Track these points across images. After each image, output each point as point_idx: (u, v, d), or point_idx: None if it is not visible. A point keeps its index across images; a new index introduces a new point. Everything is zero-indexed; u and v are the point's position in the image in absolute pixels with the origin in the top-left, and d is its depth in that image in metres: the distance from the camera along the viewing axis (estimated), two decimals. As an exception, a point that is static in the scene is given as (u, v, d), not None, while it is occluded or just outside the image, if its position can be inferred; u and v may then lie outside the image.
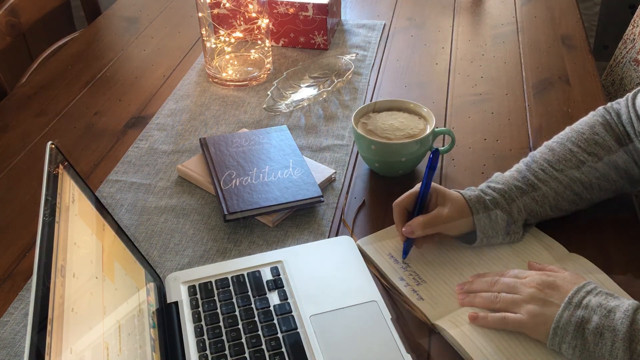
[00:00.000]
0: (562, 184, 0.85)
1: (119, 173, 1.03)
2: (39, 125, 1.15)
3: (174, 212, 0.95)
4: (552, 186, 0.85)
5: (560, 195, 0.85)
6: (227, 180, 0.94)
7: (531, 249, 0.85)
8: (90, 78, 1.30)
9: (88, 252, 0.62)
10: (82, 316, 0.56)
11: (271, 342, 0.73)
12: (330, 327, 0.75)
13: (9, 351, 0.75)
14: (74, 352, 0.53)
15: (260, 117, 1.15)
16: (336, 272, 0.82)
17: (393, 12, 1.52)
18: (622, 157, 0.86)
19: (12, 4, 1.39)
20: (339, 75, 1.25)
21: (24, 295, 0.83)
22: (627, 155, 0.86)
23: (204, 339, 0.74)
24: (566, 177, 0.85)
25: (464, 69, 1.29)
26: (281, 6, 1.32)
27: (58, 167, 0.62)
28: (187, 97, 1.22)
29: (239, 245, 0.89)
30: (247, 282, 0.81)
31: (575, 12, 1.48)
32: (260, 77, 1.26)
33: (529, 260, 0.83)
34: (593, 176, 0.86)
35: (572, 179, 0.85)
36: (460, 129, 1.11)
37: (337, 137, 1.09)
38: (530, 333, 0.71)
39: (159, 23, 1.50)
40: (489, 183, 0.87)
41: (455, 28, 1.44)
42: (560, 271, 0.76)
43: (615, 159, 0.86)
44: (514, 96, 1.20)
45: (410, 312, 0.78)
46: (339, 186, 0.99)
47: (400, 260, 0.84)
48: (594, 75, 1.24)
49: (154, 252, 0.88)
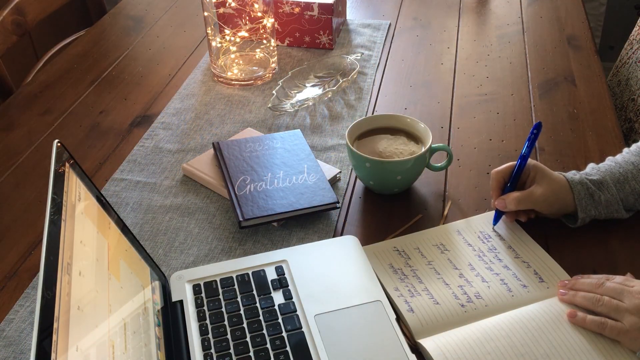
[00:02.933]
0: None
1: (124, 172, 1.03)
2: (44, 123, 1.16)
3: (179, 210, 0.95)
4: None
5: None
6: (242, 185, 0.93)
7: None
8: (96, 77, 1.30)
9: (94, 250, 0.63)
10: (88, 314, 0.56)
11: (275, 341, 0.73)
12: (334, 326, 0.75)
13: (15, 349, 0.76)
14: (80, 349, 0.53)
15: (265, 116, 1.16)
16: (341, 272, 0.82)
17: (398, 12, 1.52)
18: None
19: (18, 2, 1.40)
20: (344, 74, 1.25)
21: (29, 293, 0.83)
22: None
23: (208, 337, 0.74)
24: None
25: (470, 69, 1.29)
26: (286, 5, 1.32)
27: (64, 166, 0.62)
28: (193, 96, 1.22)
29: (244, 244, 0.89)
30: (252, 281, 0.81)
31: (581, 12, 1.47)
32: (265, 76, 1.26)
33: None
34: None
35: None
36: (466, 129, 1.11)
37: (342, 137, 1.09)
38: (629, 344, 0.71)
39: (164, 22, 1.50)
40: (591, 169, 0.89)
41: (460, 28, 1.44)
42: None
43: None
44: (520, 96, 1.19)
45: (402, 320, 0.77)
46: (344, 185, 0.99)
47: (400, 271, 0.83)
48: (600, 75, 1.24)
49: (159, 250, 0.88)
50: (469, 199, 0.96)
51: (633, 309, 0.72)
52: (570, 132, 1.09)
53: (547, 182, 0.85)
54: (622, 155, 0.91)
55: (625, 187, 0.86)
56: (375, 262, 0.84)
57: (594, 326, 0.73)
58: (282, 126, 1.13)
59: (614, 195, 0.86)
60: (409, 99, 1.20)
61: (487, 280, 0.81)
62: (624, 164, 0.88)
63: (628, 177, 0.86)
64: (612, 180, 0.86)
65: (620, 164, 0.88)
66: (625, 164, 0.88)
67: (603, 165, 0.89)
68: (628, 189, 0.86)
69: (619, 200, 0.86)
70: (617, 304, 0.73)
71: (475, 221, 0.91)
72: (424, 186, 0.98)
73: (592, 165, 0.90)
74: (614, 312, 0.73)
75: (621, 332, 0.71)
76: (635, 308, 0.72)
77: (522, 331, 0.74)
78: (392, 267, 0.84)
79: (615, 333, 0.72)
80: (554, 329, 0.74)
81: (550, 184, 0.85)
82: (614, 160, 0.90)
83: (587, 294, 0.76)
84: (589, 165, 0.91)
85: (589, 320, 0.73)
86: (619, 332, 0.71)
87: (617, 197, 0.86)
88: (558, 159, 1.03)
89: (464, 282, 0.81)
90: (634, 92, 1.24)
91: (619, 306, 0.73)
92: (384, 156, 0.94)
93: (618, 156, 0.91)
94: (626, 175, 0.87)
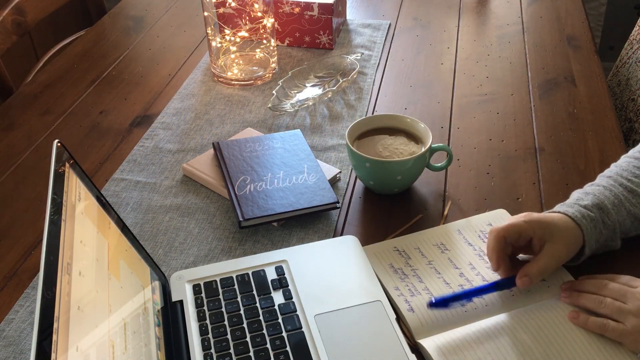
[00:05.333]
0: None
1: (124, 172, 1.03)
2: (44, 123, 1.16)
3: (179, 210, 0.95)
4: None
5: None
6: (242, 185, 0.93)
7: None
8: (96, 77, 1.30)
9: (94, 250, 0.63)
10: (88, 314, 0.56)
11: (275, 341, 0.73)
12: (334, 326, 0.75)
13: (15, 349, 0.76)
14: (80, 350, 0.53)
15: (265, 116, 1.16)
16: (341, 272, 0.82)
17: (398, 12, 1.52)
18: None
19: (18, 2, 1.40)
20: (344, 74, 1.25)
21: (29, 293, 0.83)
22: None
23: (208, 337, 0.74)
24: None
25: (470, 69, 1.29)
26: (286, 5, 1.32)
27: (64, 166, 0.62)
28: (193, 96, 1.22)
29: (244, 244, 0.89)
30: (252, 281, 0.81)
31: (581, 12, 1.47)
32: (265, 76, 1.26)
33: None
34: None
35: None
36: (466, 129, 1.11)
37: (342, 137, 1.09)
38: (631, 346, 0.71)
39: (164, 22, 1.50)
40: (579, 196, 0.82)
41: (460, 28, 1.44)
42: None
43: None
44: (520, 96, 1.19)
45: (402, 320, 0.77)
46: (344, 185, 0.99)
47: (400, 271, 0.83)
48: (600, 75, 1.24)
49: (159, 250, 0.88)
50: (469, 199, 0.96)
51: (636, 311, 0.71)
52: (570, 132, 1.09)
53: (559, 234, 0.78)
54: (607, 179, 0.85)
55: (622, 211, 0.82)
56: (375, 262, 0.84)
57: (595, 327, 0.73)
58: (282, 126, 1.13)
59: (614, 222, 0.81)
60: (409, 99, 1.20)
61: (487, 279, 0.81)
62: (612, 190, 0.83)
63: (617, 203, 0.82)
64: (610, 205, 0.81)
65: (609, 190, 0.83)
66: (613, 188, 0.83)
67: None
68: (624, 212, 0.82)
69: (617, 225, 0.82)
70: (620, 306, 0.73)
71: (476, 220, 0.90)
72: (424, 186, 0.98)
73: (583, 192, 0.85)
74: (616, 314, 0.72)
75: (623, 333, 0.71)
76: (638, 310, 0.71)
77: (523, 331, 0.74)
78: (392, 267, 0.84)
79: (617, 335, 0.71)
80: (555, 329, 0.74)
81: (563, 234, 0.78)
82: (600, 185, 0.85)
83: (590, 296, 0.75)
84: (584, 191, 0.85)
85: (591, 321, 0.73)
86: (621, 333, 0.71)
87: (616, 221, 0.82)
88: (558, 159, 1.03)
89: (464, 281, 0.81)
90: (634, 92, 1.24)
91: (622, 308, 0.72)
92: (384, 156, 0.94)
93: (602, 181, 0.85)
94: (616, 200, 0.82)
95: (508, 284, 0.78)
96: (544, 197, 0.95)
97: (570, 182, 0.98)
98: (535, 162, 1.03)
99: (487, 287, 0.78)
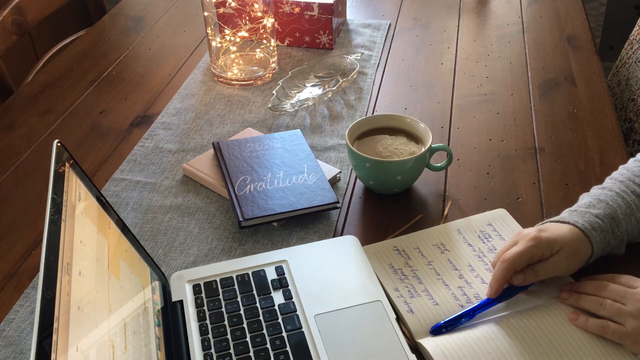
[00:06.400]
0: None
1: (124, 172, 1.03)
2: (44, 123, 1.16)
3: (179, 210, 0.95)
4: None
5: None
6: (242, 185, 0.93)
7: None
8: (96, 77, 1.30)
9: (94, 250, 0.63)
10: (88, 314, 0.56)
11: (275, 341, 0.73)
12: (334, 326, 0.75)
13: (15, 349, 0.76)
14: (80, 349, 0.53)
15: (265, 116, 1.16)
16: (341, 272, 0.82)
17: (398, 12, 1.52)
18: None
19: (18, 2, 1.40)
20: (344, 74, 1.25)
21: (29, 293, 0.83)
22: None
23: (208, 337, 0.74)
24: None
25: (470, 69, 1.29)
26: (286, 5, 1.32)
27: (64, 166, 0.62)
28: (193, 96, 1.22)
29: (244, 244, 0.89)
30: (252, 281, 0.81)
31: (581, 12, 1.47)
32: (265, 76, 1.26)
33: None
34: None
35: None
36: (466, 129, 1.11)
37: (342, 137, 1.09)
38: (631, 347, 0.71)
39: (164, 22, 1.50)
40: (590, 202, 0.81)
41: (460, 28, 1.44)
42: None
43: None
44: (520, 96, 1.19)
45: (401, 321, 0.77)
46: (344, 185, 0.99)
47: (400, 272, 0.83)
48: (600, 75, 1.24)
49: (159, 250, 0.88)
50: (469, 199, 0.96)
51: (635, 313, 0.71)
52: (570, 132, 1.09)
53: (563, 243, 0.77)
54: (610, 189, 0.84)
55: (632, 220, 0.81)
56: (375, 262, 0.84)
57: (595, 329, 0.73)
58: (282, 126, 1.13)
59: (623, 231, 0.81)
60: (409, 99, 1.20)
61: (486, 281, 0.81)
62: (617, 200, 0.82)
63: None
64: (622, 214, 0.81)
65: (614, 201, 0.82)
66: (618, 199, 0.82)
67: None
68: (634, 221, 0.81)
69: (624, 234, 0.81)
70: (620, 307, 0.73)
71: (476, 220, 0.90)
72: (424, 186, 0.98)
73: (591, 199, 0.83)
74: (616, 316, 0.72)
75: (623, 335, 0.71)
76: (638, 312, 0.71)
77: (523, 332, 0.74)
78: (392, 267, 0.84)
79: (617, 336, 0.71)
80: (555, 330, 0.74)
81: (568, 244, 0.77)
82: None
83: (590, 297, 0.75)
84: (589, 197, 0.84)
85: (591, 323, 0.73)
86: (621, 335, 0.71)
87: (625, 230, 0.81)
88: (558, 159, 1.03)
89: (463, 283, 0.81)
90: (634, 92, 1.24)
91: (622, 309, 0.72)
92: (384, 156, 0.94)
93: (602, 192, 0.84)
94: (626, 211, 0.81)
95: (503, 297, 0.78)
96: (544, 197, 0.96)
97: (570, 182, 0.98)
98: (535, 162, 1.03)
99: (485, 304, 0.77)
